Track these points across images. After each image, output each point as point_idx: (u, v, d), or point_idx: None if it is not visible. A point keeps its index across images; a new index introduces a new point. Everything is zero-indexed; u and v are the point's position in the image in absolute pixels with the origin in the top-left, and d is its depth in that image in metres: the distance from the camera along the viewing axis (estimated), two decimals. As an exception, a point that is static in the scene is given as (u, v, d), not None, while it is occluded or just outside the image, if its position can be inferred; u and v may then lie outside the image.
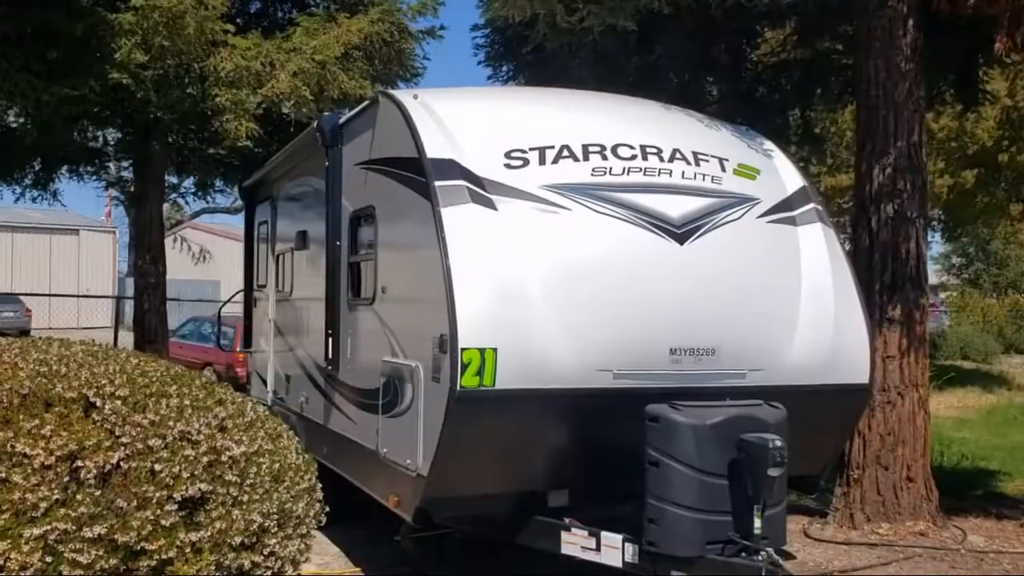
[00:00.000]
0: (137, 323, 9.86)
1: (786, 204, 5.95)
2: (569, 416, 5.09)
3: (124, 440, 3.54)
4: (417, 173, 5.33)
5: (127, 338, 11.09)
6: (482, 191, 5.17)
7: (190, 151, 10.53)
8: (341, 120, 6.91)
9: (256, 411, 4.26)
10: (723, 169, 5.75)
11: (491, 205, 5.15)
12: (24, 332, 30.34)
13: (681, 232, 5.32)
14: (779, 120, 9.62)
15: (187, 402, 3.88)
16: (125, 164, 10.88)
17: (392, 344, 5.73)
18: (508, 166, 5.34)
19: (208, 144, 10.58)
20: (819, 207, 6.12)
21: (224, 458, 3.72)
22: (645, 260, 5.23)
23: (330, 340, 6.78)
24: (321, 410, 7.38)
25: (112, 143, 10.42)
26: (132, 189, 10.55)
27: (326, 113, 7.07)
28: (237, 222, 34.03)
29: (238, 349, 15.67)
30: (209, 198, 12.11)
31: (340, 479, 6.46)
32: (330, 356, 6.79)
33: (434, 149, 5.29)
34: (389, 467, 5.55)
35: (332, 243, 6.77)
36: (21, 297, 30.40)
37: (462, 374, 4.74)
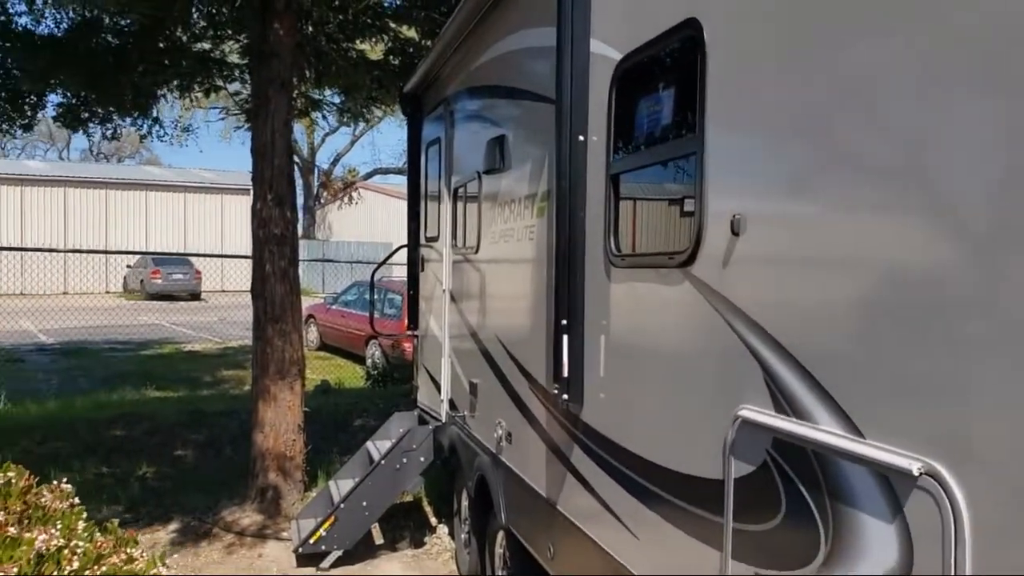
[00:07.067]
0: (256, 294, 6.67)
1: None
2: None
3: None
4: None
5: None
6: None
7: (329, 41, 7.18)
8: None
9: None
10: None
11: None
12: (195, 295, 29.20)
13: None
14: None
15: None
16: (243, 66, 7.71)
17: (774, 378, 2.08)
18: None
19: (355, 33, 7.19)
20: None
21: None
22: None
23: (565, 341, 3.27)
24: (541, 468, 3.88)
25: (222, 32, 7.20)
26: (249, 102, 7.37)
27: None
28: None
29: (405, 327, 12.80)
30: (363, 117, 8.80)
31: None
32: (565, 374, 3.29)
33: None
34: None
35: (568, 140, 3.25)
36: (191, 259, 29.50)
37: None
